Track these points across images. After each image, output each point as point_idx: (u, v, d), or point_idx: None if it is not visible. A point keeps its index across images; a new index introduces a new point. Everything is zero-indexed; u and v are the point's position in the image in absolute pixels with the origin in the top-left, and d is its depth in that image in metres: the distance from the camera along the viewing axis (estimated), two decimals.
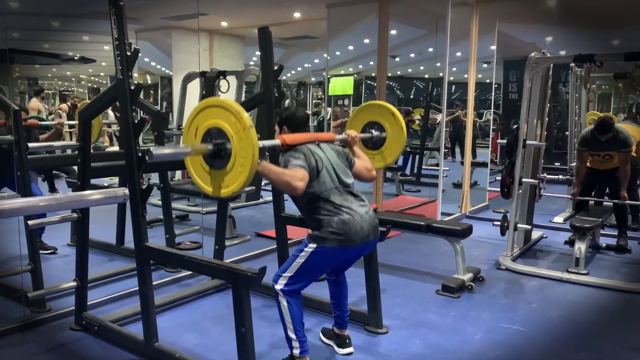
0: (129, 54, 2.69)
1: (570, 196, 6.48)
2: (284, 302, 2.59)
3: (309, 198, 2.58)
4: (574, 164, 5.39)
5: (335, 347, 2.94)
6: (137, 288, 2.79)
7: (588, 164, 5.11)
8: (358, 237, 2.57)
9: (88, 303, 3.23)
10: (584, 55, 4.38)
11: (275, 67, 3.64)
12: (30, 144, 3.32)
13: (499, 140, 5.64)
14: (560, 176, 5.74)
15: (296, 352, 2.61)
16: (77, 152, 3.08)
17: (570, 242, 4.98)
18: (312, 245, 2.55)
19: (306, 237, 2.63)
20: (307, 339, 2.67)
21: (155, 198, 5.48)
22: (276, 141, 2.63)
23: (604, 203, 5.32)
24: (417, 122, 9.80)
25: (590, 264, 4.66)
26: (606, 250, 5.09)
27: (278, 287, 2.60)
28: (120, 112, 2.76)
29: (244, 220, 6.13)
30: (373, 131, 3.29)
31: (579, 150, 5.10)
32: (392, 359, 2.89)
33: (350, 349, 2.91)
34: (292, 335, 2.60)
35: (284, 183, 2.40)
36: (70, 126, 7.94)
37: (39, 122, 4.80)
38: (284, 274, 2.60)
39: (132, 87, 2.70)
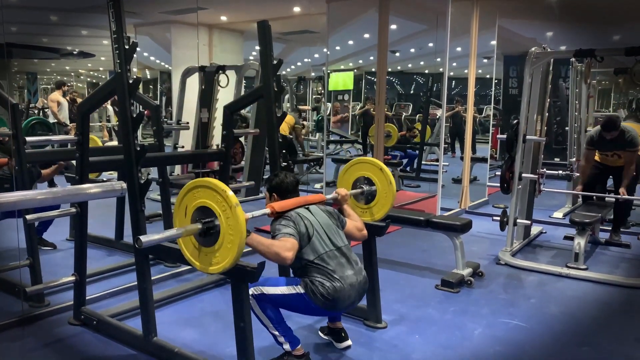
0: (127, 47, 2.67)
1: (569, 191, 6.50)
2: (254, 303, 2.56)
3: (301, 264, 2.57)
4: (580, 162, 5.39)
5: (334, 343, 2.93)
6: (136, 283, 2.78)
7: (597, 158, 5.13)
8: (344, 305, 2.60)
9: (87, 298, 3.22)
10: (585, 50, 4.36)
11: (275, 62, 3.63)
12: (28, 138, 3.30)
13: (498, 136, 5.65)
14: (560, 171, 5.73)
15: (287, 347, 2.61)
16: (75, 146, 3.07)
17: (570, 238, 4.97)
18: (301, 290, 2.55)
19: (294, 273, 2.63)
20: (305, 334, 2.67)
21: (154, 193, 5.48)
22: (266, 210, 2.64)
23: (606, 198, 5.33)
24: (419, 135, 9.83)
25: (589, 259, 4.66)
26: (606, 245, 5.09)
27: (251, 291, 2.55)
28: (119, 106, 2.75)
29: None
30: (364, 186, 3.28)
31: (586, 150, 5.11)
32: (391, 354, 2.89)
33: (348, 342, 2.91)
34: (276, 332, 2.60)
35: (273, 254, 2.38)
36: (71, 120, 7.94)
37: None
38: (263, 287, 2.57)
39: (131, 81, 2.68)
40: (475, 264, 4.22)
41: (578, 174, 5.42)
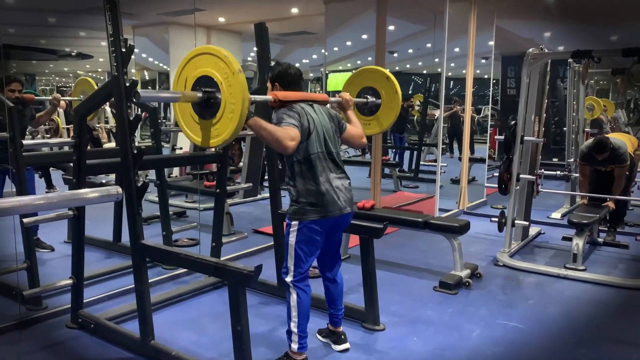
0: (124, 50, 2.67)
1: (567, 192, 6.51)
2: (294, 295, 2.60)
3: (296, 159, 2.56)
4: (579, 177, 5.40)
5: (332, 345, 2.93)
6: (134, 286, 2.78)
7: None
8: (335, 209, 2.59)
9: (84, 301, 3.22)
10: (582, 51, 4.36)
11: (272, 63, 3.62)
12: (25, 141, 3.30)
13: (496, 137, 5.64)
14: (558, 172, 5.74)
15: (294, 346, 2.60)
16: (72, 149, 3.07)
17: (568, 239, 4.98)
18: (295, 223, 2.57)
19: (287, 216, 2.64)
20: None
21: (152, 194, 5.47)
22: (268, 97, 2.56)
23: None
24: (417, 107, 9.77)
25: (587, 260, 4.66)
26: (604, 245, 5.10)
27: (288, 279, 2.61)
28: (116, 109, 2.75)
29: (242, 216, 6.12)
30: (368, 97, 3.26)
31: (580, 165, 5.12)
32: (389, 356, 2.88)
33: (346, 345, 2.91)
34: (295, 329, 2.60)
35: (275, 140, 2.35)
36: (68, 123, 7.92)
37: (35, 97, 4.75)
38: (288, 263, 2.62)
39: (128, 84, 2.68)
40: (473, 265, 4.22)
41: (576, 175, 5.42)
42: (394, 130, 9.38)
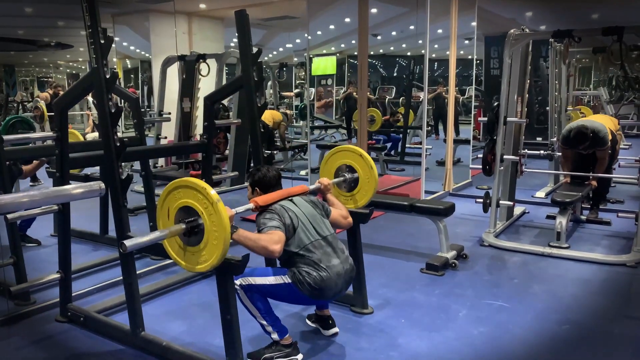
0: (102, 42, 2.63)
1: (551, 172, 6.59)
2: (242, 293, 2.59)
3: (288, 255, 2.59)
4: (560, 160, 5.43)
5: (321, 330, 2.97)
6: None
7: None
8: (331, 294, 2.63)
9: (73, 294, 3.22)
10: (562, 31, 4.39)
11: (254, 50, 3.61)
12: (5, 137, 3.26)
13: (480, 118, 5.67)
14: (542, 151, 5.80)
15: (275, 336, 2.64)
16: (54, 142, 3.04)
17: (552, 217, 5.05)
18: (288, 279, 2.58)
19: (287, 269, 2.63)
20: (293, 322, 2.70)
21: (138, 185, 5.45)
22: (249, 205, 2.64)
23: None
24: (401, 120, 9.83)
25: (571, 238, 4.75)
26: (587, 223, 5.19)
27: (237, 282, 2.58)
28: (97, 101, 2.72)
29: (229, 205, 6.07)
30: (346, 174, 3.30)
31: (562, 149, 5.15)
32: (377, 338, 2.93)
33: (335, 329, 2.95)
34: (264, 322, 2.63)
35: (261, 248, 2.39)
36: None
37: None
38: (251, 277, 2.59)
39: (108, 76, 2.65)
40: (459, 247, 4.27)
41: (559, 154, 5.47)
42: (379, 132, 9.42)
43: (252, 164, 6.15)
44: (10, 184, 3.61)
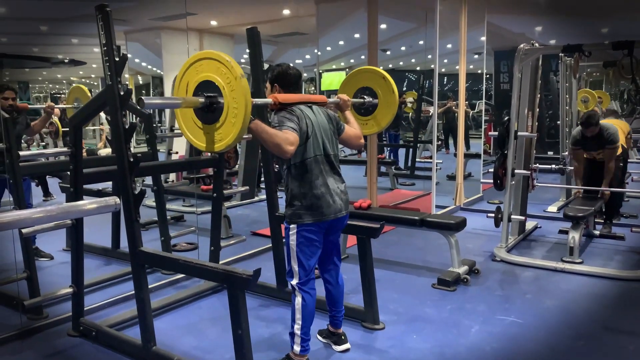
0: (117, 59, 2.68)
1: (563, 186, 6.54)
2: (298, 298, 2.62)
3: (292, 162, 2.58)
4: (571, 164, 5.44)
5: (332, 345, 2.95)
6: (134, 292, 2.79)
7: (586, 156, 5.18)
8: (330, 212, 2.61)
9: (85, 308, 3.24)
10: (573, 45, 4.39)
11: (265, 67, 3.64)
12: (22, 152, 3.31)
13: (490, 133, 5.66)
14: (553, 166, 5.77)
15: (297, 348, 2.62)
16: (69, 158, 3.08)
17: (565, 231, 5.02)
18: (293, 227, 2.60)
19: (285, 221, 2.66)
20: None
21: (149, 200, 5.48)
22: (268, 99, 2.57)
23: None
24: (410, 104, 9.80)
25: (584, 253, 4.70)
26: (600, 238, 5.13)
27: (294, 281, 2.63)
28: (111, 117, 2.76)
29: (240, 219, 6.14)
30: (365, 97, 3.28)
31: (572, 151, 5.16)
32: (389, 354, 2.91)
33: (347, 345, 2.93)
34: (298, 332, 2.62)
35: (275, 145, 2.37)
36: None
37: (29, 106, 4.78)
38: (292, 267, 2.64)
39: (122, 93, 2.69)
40: (471, 262, 4.25)
41: (571, 168, 5.45)
42: (389, 129, 9.40)
43: (262, 179, 6.18)
44: (17, 142, 3.58)
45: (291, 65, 2.74)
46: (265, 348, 2.94)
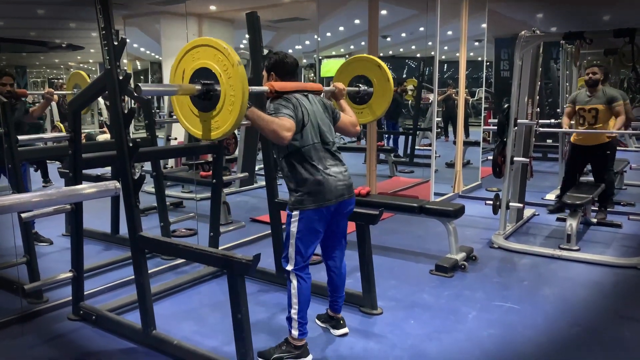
0: (116, 43, 2.66)
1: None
2: (294, 282, 2.63)
3: (289, 150, 2.58)
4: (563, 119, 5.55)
5: (331, 330, 2.98)
6: (133, 277, 2.81)
7: (574, 138, 5.27)
8: (332, 196, 2.61)
9: (85, 293, 3.25)
10: (574, 32, 4.37)
11: (265, 52, 3.63)
12: (20, 137, 3.31)
13: (490, 120, 5.66)
14: (552, 120, 5.79)
15: (295, 332, 2.64)
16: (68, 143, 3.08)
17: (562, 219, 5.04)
18: (296, 213, 2.60)
19: (287, 207, 2.67)
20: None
21: (148, 186, 5.49)
22: (264, 87, 2.57)
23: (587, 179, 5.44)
24: (410, 92, 9.78)
25: (581, 240, 4.72)
26: (597, 225, 5.15)
27: (289, 267, 2.64)
28: (110, 102, 2.75)
29: (239, 206, 6.15)
30: (360, 85, 3.27)
31: (565, 109, 5.37)
32: (387, 339, 2.93)
33: (345, 330, 2.96)
34: (295, 316, 2.63)
35: (272, 131, 2.38)
36: (62, 116, 7.90)
37: (27, 92, 4.76)
38: (289, 252, 2.64)
39: (121, 77, 2.68)
40: (469, 248, 4.27)
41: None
42: (388, 117, 9.39)
43: (261, 165, 6.19)
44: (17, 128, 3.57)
45: (288, 53, 2.75)
46: (265, 333, 2.96)
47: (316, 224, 2.63)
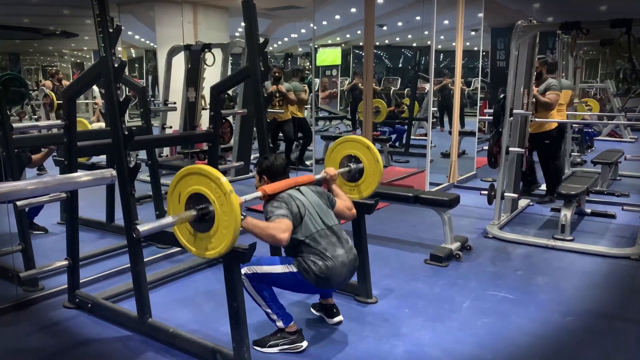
0: (111, 30, 2.64)
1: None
2: (248, 282, 2.61)
3: (294, 243, 2.61)
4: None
5: (326, 318, 3.00)
6: (129, 265, 2.81)
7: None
8: (336, 283, 2.67)
9: (81, 281, 3.25)
10: (570, 22, 4.36)
11: (261, 40, 3.61)
12: (15, 124, 3.29)
13: (485, 110, 5.66)
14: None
15: (280, 324, 2.67)
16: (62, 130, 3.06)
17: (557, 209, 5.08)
18: (294, 269, 2.60)
19: (284, 250, 2.68)
20: (297, 311, 2.72)
21: (144, 174, 5.48)
22: (257, 193, 2.66)
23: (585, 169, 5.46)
24: (406, 110, 9.85)
25: (575, 230, 4.75)
26: (591, 216, 5.19)
27: (244, 270, 2.60)
28: (105, 90, 2.74)
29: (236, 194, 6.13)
30: (351, 164, 3.31)
31: None
32: (381, 327, 2.96)
33: (339, 318, 2.98)
34: (269, 310, 2.66)
35: (269, 236, 2.43)
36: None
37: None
38: (256, 267, 2.61)
39: (116, 65, 2.66)
40: (463, 238, 4.29)
41: None
42: (385, 124, 9.41)
43: (257, 154, 6.18)
44: (19, 172, 3.63)
45: (277, 156, 2.89)
46: (260, 321, 2.97)
47: (302, 289, 2.75)
